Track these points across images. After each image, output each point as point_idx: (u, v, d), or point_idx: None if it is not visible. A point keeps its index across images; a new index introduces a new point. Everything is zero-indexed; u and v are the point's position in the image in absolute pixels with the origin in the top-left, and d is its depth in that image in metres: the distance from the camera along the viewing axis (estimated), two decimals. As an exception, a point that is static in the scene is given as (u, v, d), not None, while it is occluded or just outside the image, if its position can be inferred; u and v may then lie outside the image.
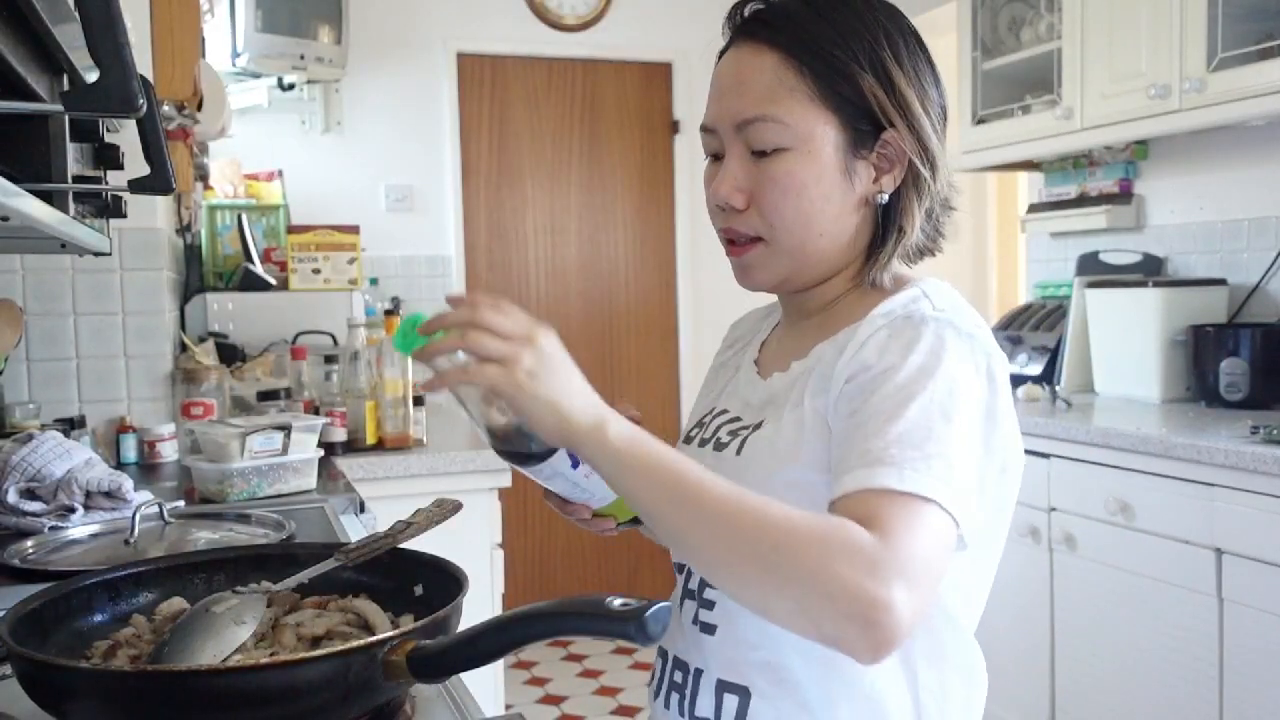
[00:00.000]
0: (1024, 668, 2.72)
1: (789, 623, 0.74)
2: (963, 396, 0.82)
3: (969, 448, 0.81)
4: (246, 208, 3.29)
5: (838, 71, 0.89)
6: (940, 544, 0.76)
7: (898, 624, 0.70)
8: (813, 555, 0.71)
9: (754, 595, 0.74)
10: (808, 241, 0.92)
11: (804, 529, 0.72)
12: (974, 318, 0.89)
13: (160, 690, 0.72)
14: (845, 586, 0.70)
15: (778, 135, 0.89)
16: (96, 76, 0.73)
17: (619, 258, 4.37)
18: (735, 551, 0.73)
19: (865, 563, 0.71)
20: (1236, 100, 2.45)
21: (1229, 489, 2.16)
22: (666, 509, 0.75)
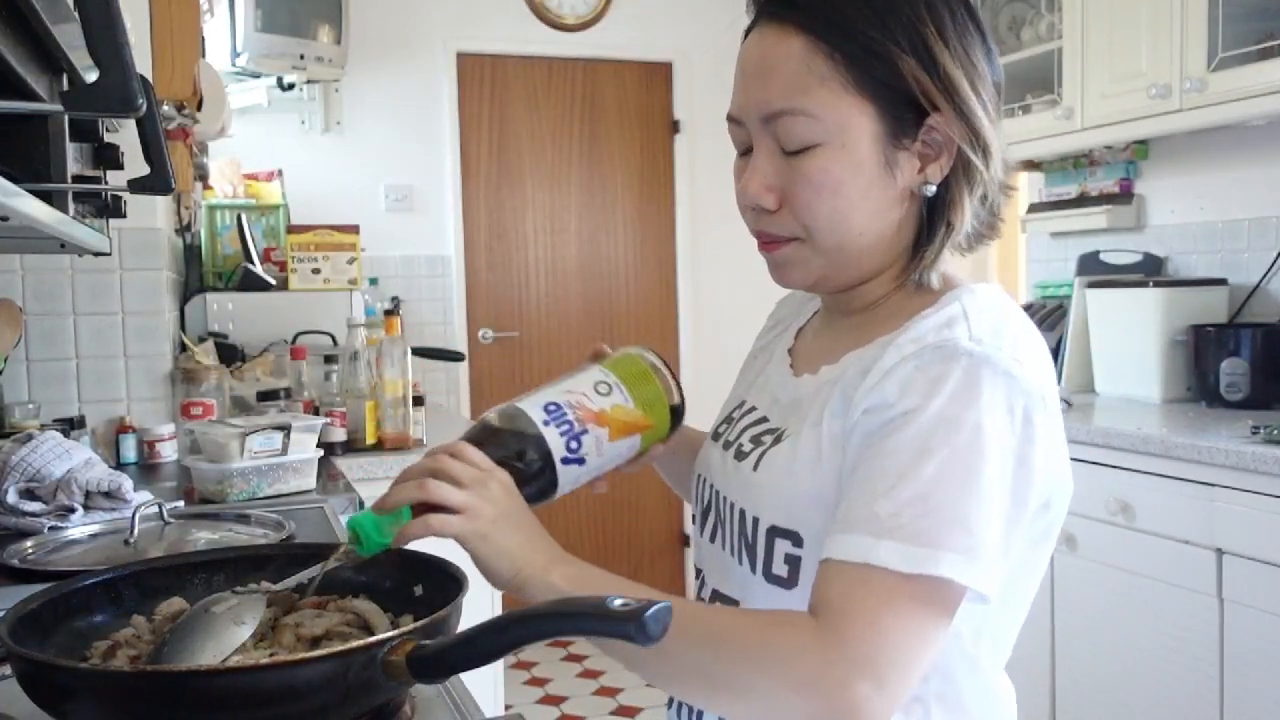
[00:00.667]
0: (1024, 668, 2.72)
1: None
2: (990, 448, 0.74)
3: (993, 504, 0.74)
4: (246, 208, 3.29)
5: (873, 54, 0.80)
6: (928, 627, 0.72)
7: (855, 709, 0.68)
8: (762, 666, 0.69)
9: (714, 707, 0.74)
10: (847, 241, 0.84)
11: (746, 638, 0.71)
12: (1017, 346, 0.79)
13: (160, 690, 0.72)
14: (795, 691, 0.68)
15: (808, 130, 0.81)
16: (96, 76, 0.73)
17: (619, 258, 4.37)
18: (681, 669, 0.72)
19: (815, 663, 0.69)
20: (1237, 100, 2.45)
21: (1229, 489, 2.15)
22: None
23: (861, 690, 0.67)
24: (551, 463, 0.87)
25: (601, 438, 0.89)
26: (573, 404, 0.89)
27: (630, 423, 0.91)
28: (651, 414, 0.92)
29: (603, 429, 0.89)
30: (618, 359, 0.95)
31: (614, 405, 0.90)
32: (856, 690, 0.67)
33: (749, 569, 0.86)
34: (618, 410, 0.90)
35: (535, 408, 0.88)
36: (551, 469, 0.87)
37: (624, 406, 0.91)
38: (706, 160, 4.31)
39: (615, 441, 0.90)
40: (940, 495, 0.72)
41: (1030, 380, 0.77)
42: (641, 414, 0.91)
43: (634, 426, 0.91)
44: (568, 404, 0.88)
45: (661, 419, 0.93)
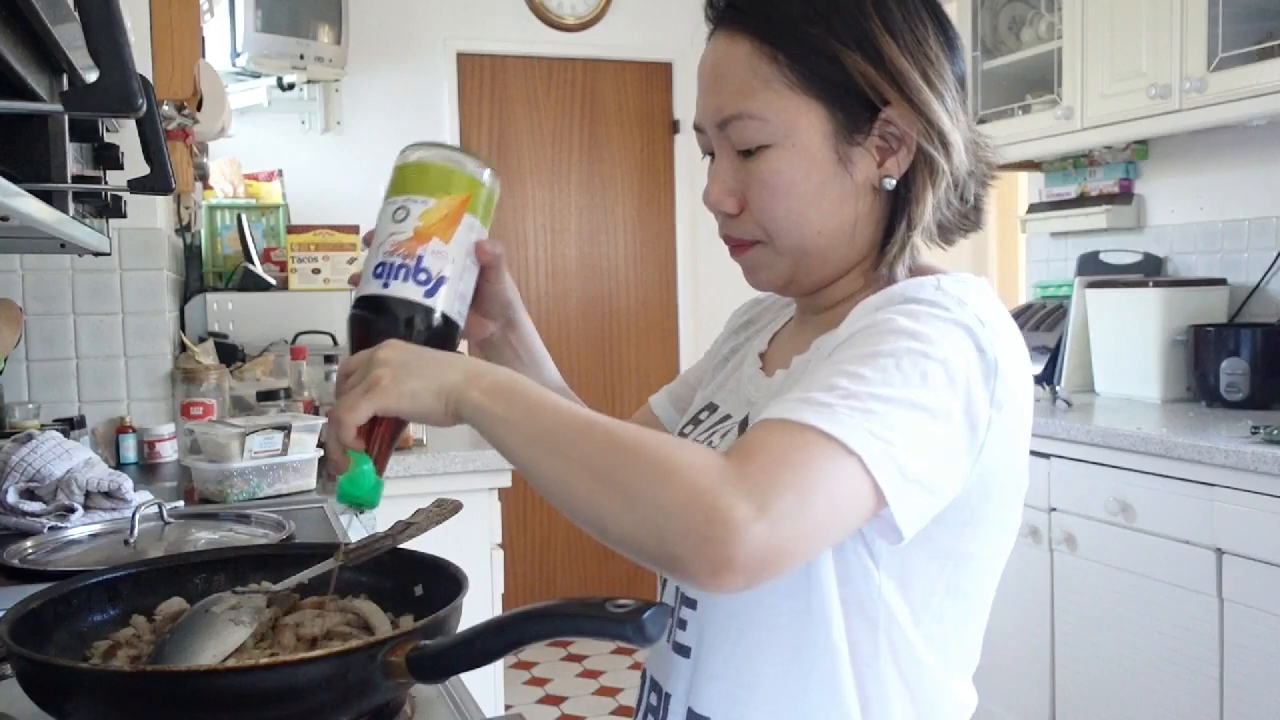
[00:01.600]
0: (1024, 668, 2.72)
1: (631, 546, 0.68)
2: (940, 366, 0.71)
3: (930, 425, 0.70)
4: (246, 207, 3.30)
5: (816, 52, 0.80)
6: (836, 491, 0.67)
7: (739, 542, 0.63)
8: (657, 471, 0.66)
9: (598, 517, 0.69)
10: (806, 240, 0.84)
11: (652, 447, 0.68)
12: (995, 311, 0.77)
13: (160, 690, 0.72)
14: (679, 500, 0.65)
15: (758, 132, 0.81)
16: (96, 76, 0.73)
17: (619, 258, 4.37)
18: (577, 470, 0.69)
19: (708, 477, 0.65)
20: (1236, 100, 2.45)
21: (1229, 489, 2.15)
22: (523, 441, 0.73)
23: (743, 510, 0.64)
24: (423, 306, 0.84)
25: (438, 249, 0.86)
26: (390, 249, 0.86)
27: (447, 214, 0.87)
28: (454, 189, 0.88)
29: (430, 241, 0.86)
30: (391, 183, 0.91)
31: (420, 214, 0.87)
32: (738, 510, 0.64)
33: None
34: (427, 215, 0.87)
35: (370, 282, 0.86)
36: (428, 311, 0.84)
37: (428, 207, 0.87)
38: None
39: (451, 239, 0.87)
40: (874, 390, 0.70)
41: (1001, 336, 0.76)
42: (448, 198, 0.88)
43: (453, 214, 0.87)
44: (387, 253, 0.86)
45: (465, 184, 0.89)
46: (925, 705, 0.82)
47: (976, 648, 0.87)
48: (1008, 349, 0.76)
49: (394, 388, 0.75)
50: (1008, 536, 0.84)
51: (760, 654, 0.82)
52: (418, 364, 0.77)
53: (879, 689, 0.80)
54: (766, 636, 0.82)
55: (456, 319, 0.87)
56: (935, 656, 0.82)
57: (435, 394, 0.75)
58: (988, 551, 0.83)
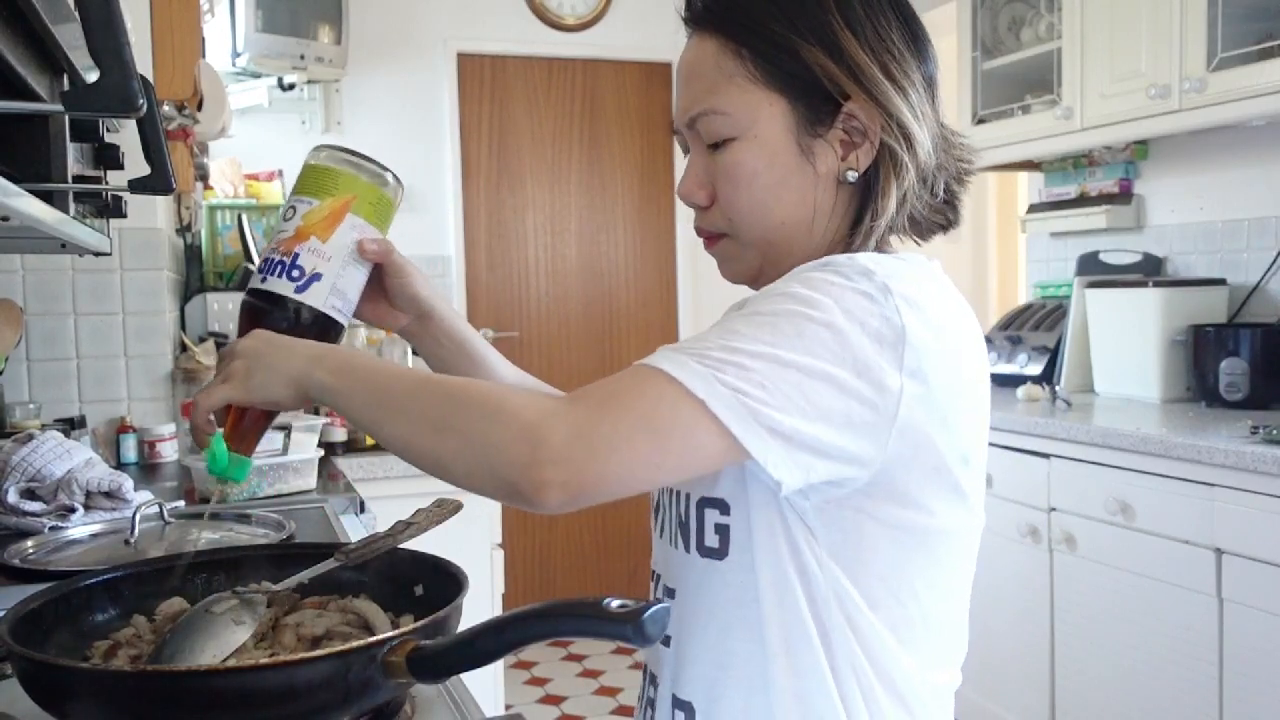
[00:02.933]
0: (1024, 668, 2.72)
1: (471, 481, 0.74)
2: (824, 328, 0.73)
3: (797, 381, 0.72)
4: (247, 208, 3.30)
5: (778, 47, 0.83)
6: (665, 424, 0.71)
7: (558, 462, 0.69)
8: (488, 412, 0.72)
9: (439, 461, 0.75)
10: (769, 230, 0.86)
11: (485, 394, 0.74)
12: (919, 286, 0.77)
13: (160, 690, 0.72)
14: (510, 432, 0.70)
15: (722, 126, 0.85)
16: (96, 76, 0.73)
17: (619, 258, 4.37)
18: (417, 423, 0.75)
19: (537, 411, 0.71)
20: (1236, 100, 2.45)
21: (1229, 489, 2.16)
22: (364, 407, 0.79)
23: (562, 435, 0.69)
24: (293, 301, 0.90)
25: (315, 247, 0.91)
26: (273, 247, 0.92)
27: (328, 215, 0.92)
28: (340, 191, 0.93)
29: (308, 240, 0.91)
30: (294, 184, 0.96)
31: (303, 215, 0.92)
32: (557, 435, 0.69)
33: (684, 549, 0.87)
34: (309, 215, 0.92)
35: (255, 276, 0.92)
36: (300, 306, 0.90)
37: (311, 208, 0.92)
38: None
39: (330, 239, 0.92)
40: (743, 345, 0.73)
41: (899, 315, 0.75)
42: (331, 200, 0.92)
43: (334, 215, 0.92)
44: (271, 250, 0.92)
45: (352, 186, 0.94)
46: (895, 688, 0.82)
47: (955, 634, 0.86)
48: (927, 319, 0.76)
49: (244, 380, 0.82)
50: (967, 516, 0.83)
51: (730, 635, 0.84)
52: (269, 354, 0.83)
53: (846, 669, 0.81)
54: (734, 615, 0.84)
55: (331, 313, 0.92)
56: (902, 641, 0.81)
57: (283, 382, 0.82)
58: (944, 528, 0.81)
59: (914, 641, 0.82)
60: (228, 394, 0.83)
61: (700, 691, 0.86)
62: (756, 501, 0.81)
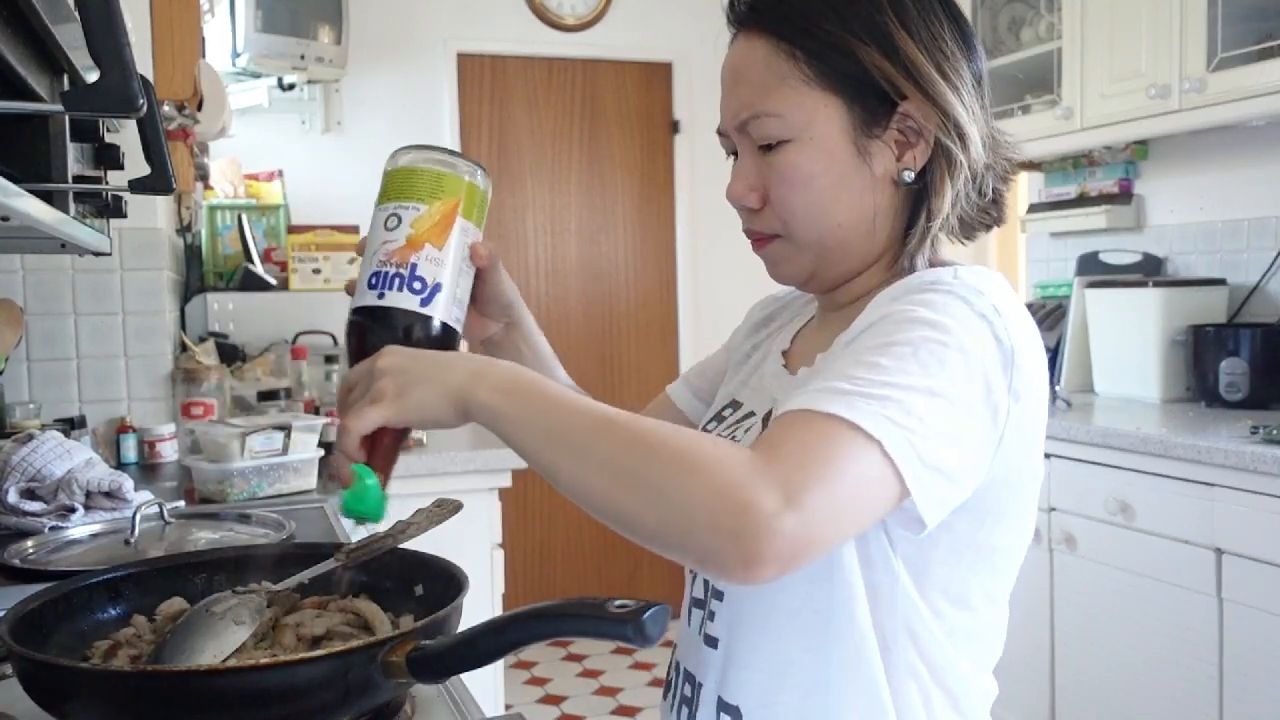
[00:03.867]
0: (1024, 668, 2.72)
1: (659, 541, 0.68)
2: (958, 354, 0.72)
3: (949, 413, 0.71)
4: (247, 208, 3.30)
5: (833, 47, 0.82)
6: (860, 479, 0.68)
7: (769, 534, 0.64)
8: (682, 467, 0.66)
9: (622, 514, 0.69)
10: (826, 233, 0.85)
11: (676, 443, 0.68)
12: (1010, 302, 0.78)
13: (160, 690, 0.72)
14: (708, 495, 0.65)
15: (776, 128, 0.83)
16: (96, 76, 0.73)
17: (619, 258, 4.37)
18: (599, 469, 0.69)
19: (736, 472, 0.65)
20: (1236, 100, 2.45)
21: (1229, 489, 2.16)
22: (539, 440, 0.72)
23: (771, 503, 0.64)
24: (420, 315, 0.84)
25: (432, 255, 0.85)
26: (384, 258, 0.85)
27: (439, 220, 0.86)
28: (446, 194, 0.87)
29: (423, 249, 0.85)
30: (382, 189, 0.90)
31: (412, 222, 0.86)
32: (766, 502, 0.64)
33: None
34: (419, 223, 0.86)
35: (366, 294, 0.85)
36: (425, 320, 0.84)
37: (420, 214, 0.86)
38: (706, 160, 4.31)
39: (445, 245, 0.86)
40: (892, 379, 0.70)
41: (1019, 327, 0.76)
42: (440, 204, 0.86)
43: (445, 220, 0.87)
44: (381, 262, 0.85)
45: (456, 187, 0.88)
46: (951, 694, 0.83)
47: (1000, 641, 0.88)
48: (1024, 339, 0.76)
49: (400, 398, 0.75)
50: (1027, 529, 0.85)
51: (788, 642, 0.83)
52: (421, 370, 0.76)
53: (905, 676, 0.81)
54: (793, 624, 0.83)
55: (454, 325, 0.87)
56: (958, 648, 0.83)
57: (443, 399, 0.75)
58: (1008, 544, 0.83)
59: (968, 649, 0.84)
60: (383, 415, 0.75)
61: (751, 696, 0.85)
62: None
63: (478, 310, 0.95)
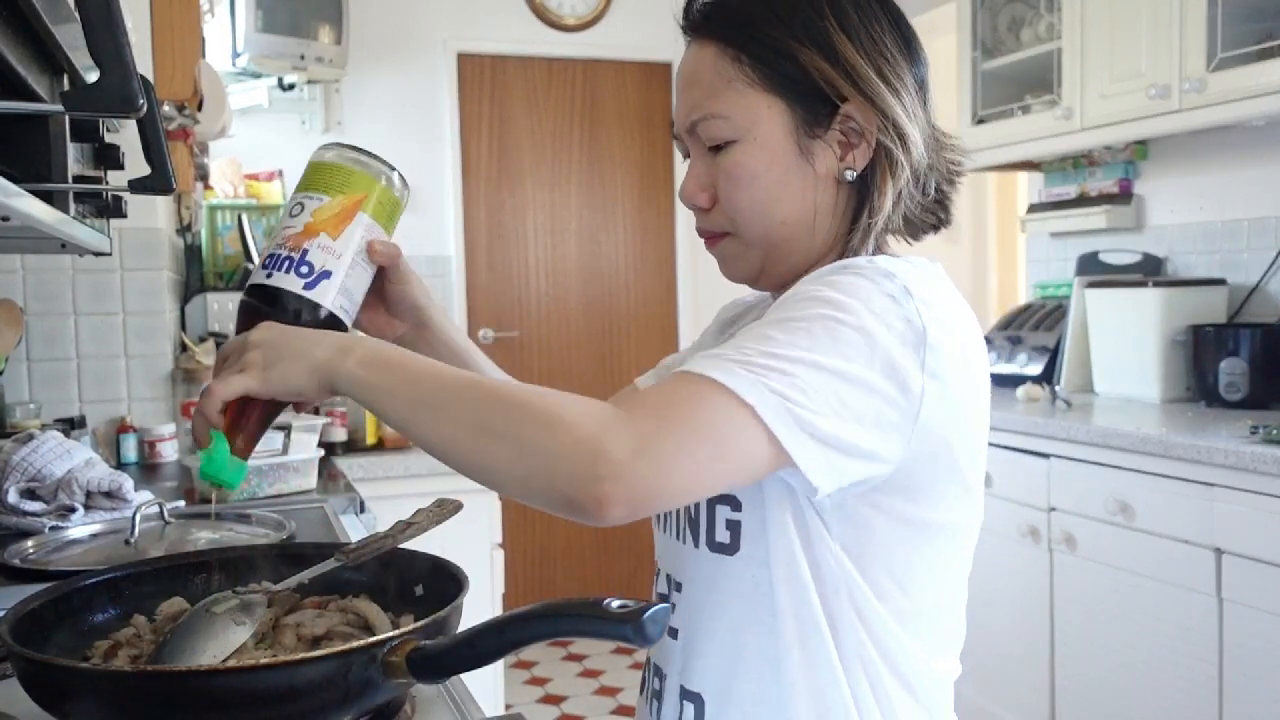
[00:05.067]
0: (1024, 668, 2.72)
1: (524, 492, 0.72)
2: (855, 332, 0.74)
3: (836, 386, 0.73)
4: (247, 208, 3.30)
5: (776, 51, 0.85)
6: (721, 436, 0.71)
7: (619, 478, 0.68)
8: (544, 420, 0.70)
9: (488, 469, 0.73)
10: (771, 229, 0.88)
11: (540, 400, 0.72)
12: (927, 287, 0.79)
13: (160, 690, 0.72)
14: (568, 444, 0.69)
15: (722, 129, 0.87)
16: (96, 76, 0.73)
17: (619, 258, 4.37)
18: (466, 427, 0.73)
19: (596, 422, 0.69)
20: (1236, 100, 2.45)
21: (1229, 489, 2.16)
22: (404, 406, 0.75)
23: (622, 449, 0.68)
24: (303, 298, 0.87)
25: (325, 244, 0.88)
26: (279, 242, 0.89)
27: (339, 212, 0.90)
28: (351, 189, 0.91)
29: (318, 236, 0.88)
30: (300, 180, 0.93)
31: (314, 211, 0.89)
32: (619, 449, 0.68)
33: (693, 544, 0.89)
34: (320, 212, 0.89)
35: (258, 272, 0.89)
36: (312, 305, 0.88)
37: (321, 204, 0.89)
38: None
39: (340, 236, 0.89)
40: (780, 350, 0.73)
41: (920, 317, 0.77)
42: (343, 198, 0.90)
43: (345, 213, 0.90)
44: (277, 245, 0.89)
45: (364, 185, 0.91)
46: (903, 676, 0.85)
47: (956, 625, 0.89)
48: (941, 321, 0.78)
49: (265, 370, 0.79)
50: (970, 508, 0.86)
51: (740, 627, 0.86)
52: (289, 344, 0.79)
53: (854, 659, 0.83)
54: (745, 608, 0.85)
55: (340, 314, 0.90)
56: (908, 630, 0.84)
57: (307, 372, 0.78)
58: (948, 521, 0.85)
59: (918, 631, 0.85)
60: (246, 384, 0.79)
61: (710, 683, 0.88)
62: (771, 498, 0.82)
63: (387, 310, 1.00)
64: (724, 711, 0.87)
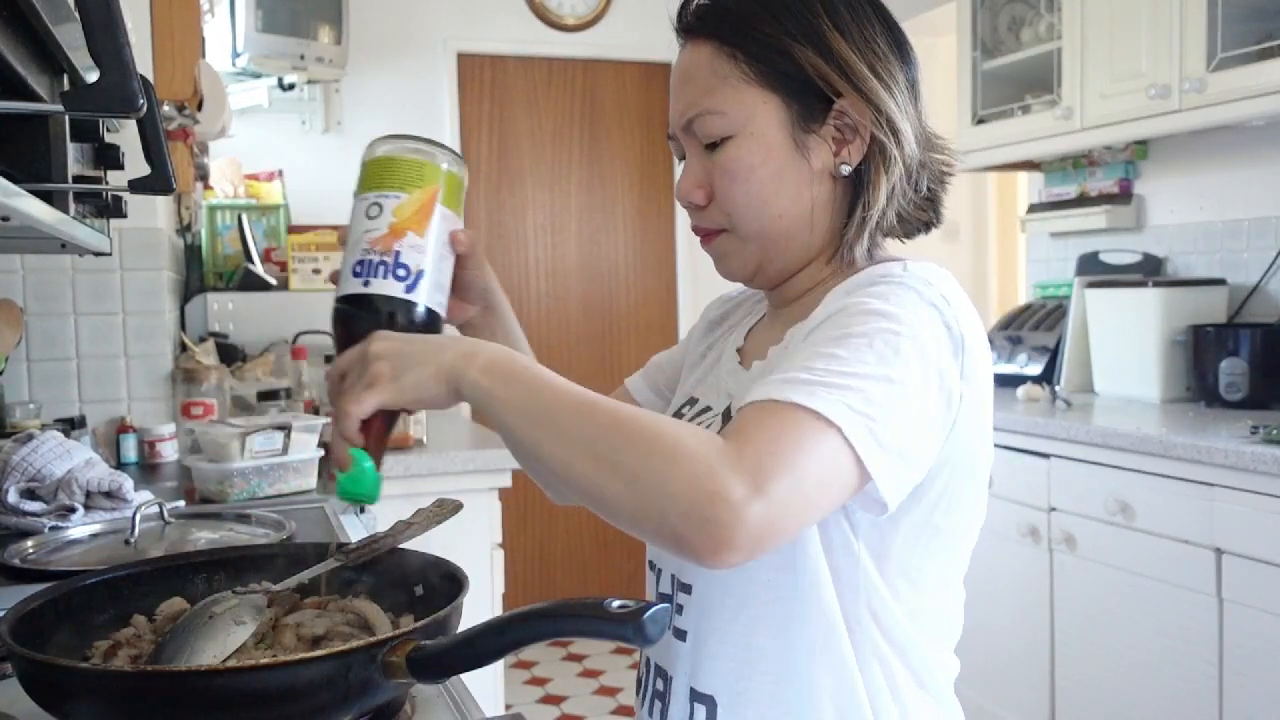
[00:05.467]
0: (1024, 668, 2.72)
1: (633, 524, 0.71)
2: (911, 342, 0.76)
3: (905, 399, 0.74)
4: (247, 208, 3.30)
5: (771, 48, 0.87)
6: (823, 466, 0.71)
7: (738, 522, 0.67)
8: (658, 454, 0.69)
9: (599, 496, 0.71)
10: (768, 224, 0.89)
11: (653, 429, 0.71)
12: (955, 294, 0.82)
13: (160, 690, 0.72)
14: (682, 482, 0.68)
15: (718, 125, 0.88)
16: (96, 76, 0.73)
17: (619, 258, 4.37)
18: (581, 452, 0.71)
19: (709, 460, 0.68)
20: (1236, 100, 2.45)
21: (1229, 489, 2.16)
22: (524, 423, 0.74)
23: (741, 491, 0.67)
24: (405, 301, 0.85)
25: (414, 243, 0.86)
26: (367, 246, 0.86)
27: (420, 206, 0.87)
28: (425, 182, 0.88)
29: (406, 236, 0.86)
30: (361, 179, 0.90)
31: (394, 209, 0.87)
32: (736, 490, 0.67)
33: None
34: (400, 210, 0.87)
35: (351, 281, 0.86)
36: (410, 306, 0.86)
37: (400, 203, 0.87)
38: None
39: (427, 232, 0.87)
40: (850, 368, 0.73)
41: (958, 324, 0.79)
42: (420, 192, 0.87)
43: (425, 207, 0.88)
44: (365, 250, 0.86)
45: (435, 175, 0.89)
46: (915, 671, 0.87)
47: (959, 620, 0.91)
48: (971, 327, 0.81)
49: (395, 380, 0.77)
50: (979, 512, 0.88)
51: (757, 629, 0.86)
52: (414, 352, 0.78)
53: (870, 656, 0.85)
54: (762, 611, 0.86)
55: (438, 309, 0.89)
56: (919, 627, 0.86)
57: (436, 379, 0.77)
58: (961, 525, 0.87)
59: (928, 628, 0.87)
60: (379, 398, 0.77)
61: (723, 685, 0.88)
62: None
63: (456, 295, 0.97)
64: (738, 713, 0.87)
